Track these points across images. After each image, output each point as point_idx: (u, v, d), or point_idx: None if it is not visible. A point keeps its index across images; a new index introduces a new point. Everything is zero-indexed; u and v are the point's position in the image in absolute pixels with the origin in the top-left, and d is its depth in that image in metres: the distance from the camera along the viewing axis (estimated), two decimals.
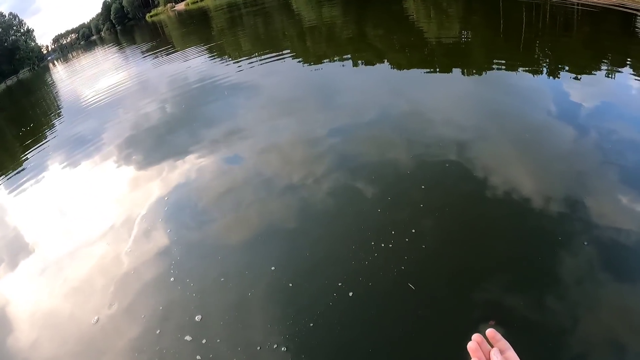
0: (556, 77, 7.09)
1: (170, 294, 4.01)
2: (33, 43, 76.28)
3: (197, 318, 3.61)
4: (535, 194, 4.09)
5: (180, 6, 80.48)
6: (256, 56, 13.85)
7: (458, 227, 3.94)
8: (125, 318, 3.91)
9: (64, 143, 10.75)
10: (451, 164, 4.81)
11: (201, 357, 3.25)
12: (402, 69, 9.31)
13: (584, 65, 7.49)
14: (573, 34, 9.99)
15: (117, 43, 48.47)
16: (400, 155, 5.30)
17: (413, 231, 3.87)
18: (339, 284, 3.49)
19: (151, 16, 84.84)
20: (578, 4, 11.91)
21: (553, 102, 6.07)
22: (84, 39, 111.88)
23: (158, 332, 3.60)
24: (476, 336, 1.03)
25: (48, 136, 12.41)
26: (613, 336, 2.73)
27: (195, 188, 5.89)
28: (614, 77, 6.72)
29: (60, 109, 17.41)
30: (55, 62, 68.80)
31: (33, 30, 77.08)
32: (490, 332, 1.02)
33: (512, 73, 7.67)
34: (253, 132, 7.27)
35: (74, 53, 72.29)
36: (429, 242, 3.74)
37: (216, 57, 16.25)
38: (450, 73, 8.21)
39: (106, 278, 4.55)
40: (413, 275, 3.43)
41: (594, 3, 11.35)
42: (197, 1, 73.68)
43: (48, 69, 55.61)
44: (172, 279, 4.18)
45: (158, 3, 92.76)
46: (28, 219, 6.86)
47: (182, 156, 7.00)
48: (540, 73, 7.44)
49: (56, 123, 14.08)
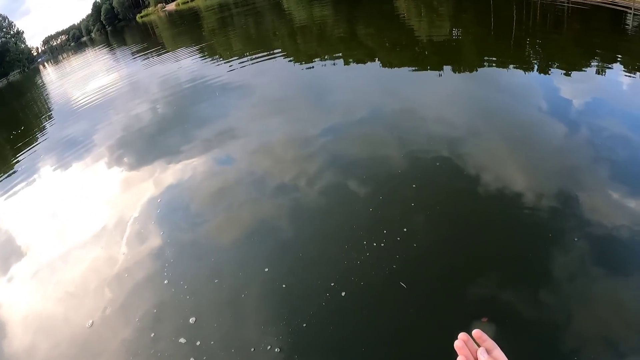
0: (547, 74, 7.14)
1: (164, 297, 4.01)
2: (23, 45, 75.76)
3: (191, 320, 3.62)
4: (526, 191, 4.13)
5: (170, 6, 79.96)
6: (247, 56, 13.84)
7: (449, 226, 3.97)
8: (119, 321, 3.91)
9: (55, 145, 10.69)
10: (442, 162, 4.84)
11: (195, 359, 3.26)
12: (393, 68, 9.33)
13: (575, 62, 7.55)
14: (563, 32, 10.06)
15: (108, 44, 48.15)
16: (391, 154, 5.32)
17: (405, 230, 3.89)
18: (332, 284, 3.51)
19: (141, 17, 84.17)
20: (568, 2, 12.00)
21: (544, 99, 6.11)
22: (74, 41, 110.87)
23: (153, 335, 3.60)
24: (462, 335, 1.04)
25: (39, 139, 12.33)
26: (605, 331, 2.76)
27: (187, 189, 5.89)
28: (604, 74, 6.78)
29: (51, 111, 17.31)
30: (45, 64, 68.18)
31: (23, 32, 76.60)
32: (476, 333, 1.02)
33: (503, 70, 7.72)
34: (245, 132, 7.27)
35: (65, 55, 71.70)
36: (421, 241, 3.77)
37: (207, 58, 16.21)
38: (441, 71, 8.25)
39: (100, 281, 4.54)
40: (405, 273, 3.45)
41: (584, 0, 11.44)
42: (188, 1, 73.31)
43: (38, 71, 55.18)
44: (166, 282, 4.18)
45: (148, 3, 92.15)
46: (20, 223, 6.82)
47: (174, 157, 6.99)
48: (531, 70, 7.49)
49: (47, 125, 14.00)
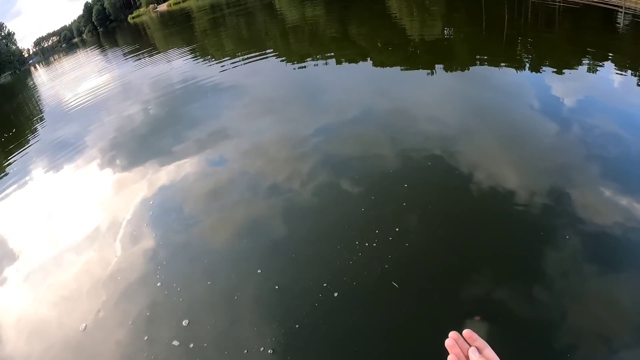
0: (538, 73, 7.20)
1: (157, 299, 4.00)
2: (14, 46, 75.27)
3: (185, 322, 3.62)
4: (517, 190, 4.16)
5: (162, 7, 79.47)
6: (239, 56, 13.82)
7: (441, 225, 3.99)
8: (113, 324, 3.89)
9: (47, 147, 10.61)
10: (434, 162, 4.87)
11: None
12: (385, 67, 9.36)
13: (566, 60, 7.61)
14: (555, 30, 10.14)
15: (99, 45, 47.85)
16: (383, 153, 5.34)
17: (397, 230, 3.91)
18: (324, 285, 3.52)
19: (133, 17, 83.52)
20: (560, 1, 12.08)
21: (535, 98, 6.16)
22: (66, 42, 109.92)
23: (146, 339, 3.59)
24: (453, 333, 1.05)
25: (31, 141, 12.22)
26: (597, 328, 2.80)
27: (179, 190, 5.88)
28: (596, 72, 6.85)
29: (42, 113, 17.17)
30: (37, 66, 67.60)
31: (14, 33, 76.20)
32: (467, 333, 1.04)
33: (495, 69, 7.77)
34: (237, 133, 7.26)
35: (56, 56, 71.14)
36: (413, 240, 3.79)
37: (199, 58, 16.16)
38: (433, 70, 8.28)
39: (93, 284, 4.52)
40: (397, 273, 3.47)
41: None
42: (180, 2, 72.96)
43: (30, 73, 54.71)
44: (159, 284, 4.17)
45: (140, 4, 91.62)
46: (12, 225, 6.76)
47: (166, 158, 6.97)
48: (522, 69, 7.54)
49: (39, 127, 13.89)
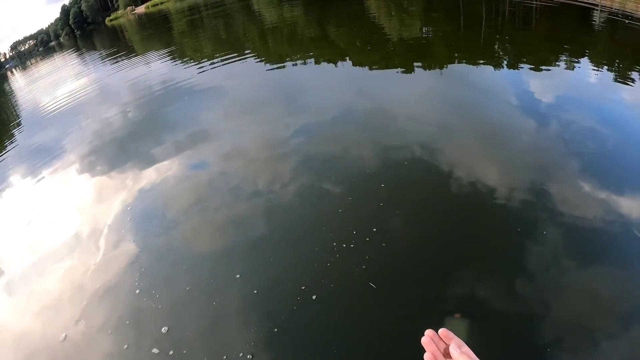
0: (516, 71, 7.32)
1: (136, 306, 3.96)
2: None
3: (164, 329, 3.59)
4: (495, 187, 4.23)
5: (140, 9, 78.41)
6: (218, 58, 13.73)
7: (418, 224, 4.04)
8: (93, 334, 3.83)
9: (25, 154, 10.38)
10: (410, 161, 4.92)
11: None
12: (365, 67, 9.41)
13: (544, 58, 7.74)
14: (532, 28, 10.30)
15: (77, 49, 47.05)
16: (361, 154, 5.38)
17: (374, 230, 3.94)
18: (303, 288, 3.53)
19: (111, 20, 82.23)
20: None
21: (514, 95, 6.26)
22: (43, 45, 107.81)
23: (126, 347, 3.56)
24: (429, 331, 1.07)
25: (7, 147, 11.95)
26: (578, 322, 2.86)
27: (159, 195, 5.82)
28: (573, 69, 7.00)
29: (19, 119, 16.79)
30: (13, 70, 66.15)
31: None
32: (443, 332, 1.06)
33: (473, 68, 7.87)
34: (216, 135, 7.23)
35: (33, 60, 69.74)
36: (390, 240, 3.82)
37: (178, 60, 16.03)
38: (412, 70, 8.35)
39: (72, 292, 4.45)
40: (375, 274, 3.50)
41: None
42: (158, 4, 72.15)
43: (6, 78, 53.42)
44: (138, 291, 4.13)
45: (118, 7, 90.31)
46: None
47: (146, 163, 6.89)
48: (500, 67, 7.66)
49: (16, 133, 13.58)
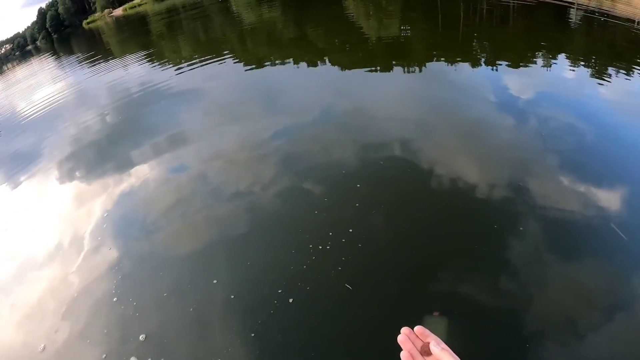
0: (494, 69, 7.41)
1: (114, 315, 3.88)
2: None
3: (141, 337, 3.53)
4: (472, 184, 4.26)
5: (118, 11, 77.62)
6: (197, 60, 13.62)
7: (395, 223, 4.04)
8: (71, 344, 3.73)
9: (1, 160, 10.14)
10: (386, 161, 4.93)
11: None
12: (344, 68, 9.41)
13: (521, 56, 7.87)
14: (510, 27, 10.45)
15: (54, 52, 46.23)
16: (338, 154, 5.37)
17: (350, 231, 3.93)
18: (279, 291, 3.50)
19: (88, 23, 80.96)
20: None
21: (492, 93, 6.33)
22: (20, 49, 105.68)
23: (104, 357, 3.49)
24: (405, 329, 1.07)
25: None
26: (557, 318, 2.88)
27: (137, 201, 5.72)
28: (550, 66, 7.12)
29: None
30: None
31: None
32: (418, 329, 1.06)
33: (451, 66, 7.94)
34: (194, 138, 7.13)
35: (10, 65, 68.17)
36: (366, 241, 3.81)
37: (156, 63, 15.84)
38: (390, 69, 8.41)
39: (50, 302, 4.32)
40: (350, 275, 3.49)
41: None
42: (136, 6, 71.33)
43: None
44: (115, 299, 4.05)
45: (95, 9, 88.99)
46: None
47: (124, 167, 6.77)
48: (478, 65, 7.74)
49: None
